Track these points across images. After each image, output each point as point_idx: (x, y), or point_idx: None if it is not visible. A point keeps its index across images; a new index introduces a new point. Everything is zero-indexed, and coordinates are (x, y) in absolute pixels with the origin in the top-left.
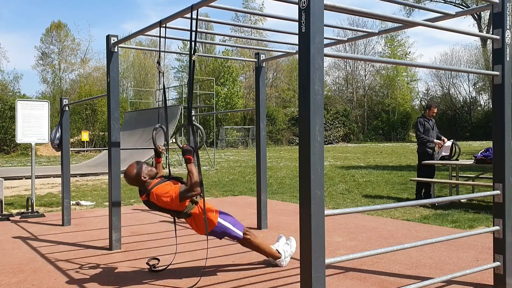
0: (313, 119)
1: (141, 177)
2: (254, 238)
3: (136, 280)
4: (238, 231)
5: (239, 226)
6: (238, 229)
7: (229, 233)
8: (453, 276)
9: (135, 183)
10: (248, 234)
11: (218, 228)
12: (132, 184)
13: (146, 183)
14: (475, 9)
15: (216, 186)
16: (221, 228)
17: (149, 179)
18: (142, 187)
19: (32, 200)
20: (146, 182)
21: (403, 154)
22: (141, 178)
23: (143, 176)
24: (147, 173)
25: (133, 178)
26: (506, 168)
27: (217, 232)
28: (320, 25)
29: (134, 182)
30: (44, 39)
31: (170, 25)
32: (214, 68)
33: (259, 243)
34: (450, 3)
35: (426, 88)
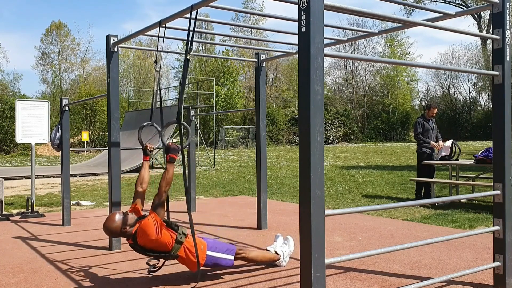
0: (313, 119)
1: (121, 229)
2: (249, 253)
3: (136, 280)
4: (229, 257)
5: (230, 251)
6: (229, 255)
7: (221, 264)
8: (453, 276)
9: (117, 236)
10: (240, 253)
11: (209, 261)
12: (114, 237)
13: (127, 232)
14: (475, 9)
15: (216, 186)
16: (211, 260)
17: (130, 228)
18: (125, 237)
19: (32, 200)
20: (127, 232)
21: (403, 154)
22: (122, 230)
23: (123, 228)
24: (128, 223)
25: (114, 232)
26: (506, 168)
27: (209, 265)
28: (320, 25)
29: (116, 235)
30: (44, 39)
31: (170, 25)
32: (214, 68)
33: (255, 256)
34: (450, 3)
35: (426, 88)
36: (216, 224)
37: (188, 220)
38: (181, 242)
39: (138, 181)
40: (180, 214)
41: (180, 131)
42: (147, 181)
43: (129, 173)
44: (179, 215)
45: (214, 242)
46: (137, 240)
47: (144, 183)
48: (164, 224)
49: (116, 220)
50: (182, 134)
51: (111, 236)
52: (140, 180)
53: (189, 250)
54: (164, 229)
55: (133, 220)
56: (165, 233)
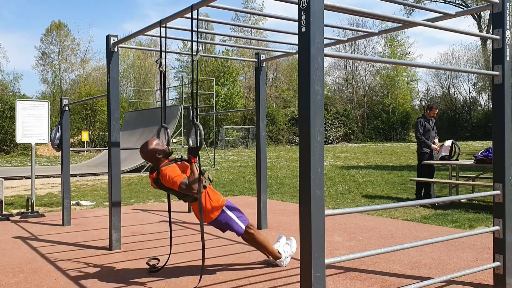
0: (313, 119)
1: (156, 153)
2: (258, 234)
3: (136, 280)
4: (241, 224)
5: (243, 220)
6: (241, 222)
7: (232, 225)
8: (453, 276)
9: (149, 158)
10: (251, 229)
11: (222, 218)
12: (146, 159)
13: (159, 161)
14: (475, 9)
15: (216, 186)
16: (225, 218)
17: (163, 158)
18: (154, 164)
19: (32, 200)
20: (160, 160)
21: (403, 154)
22: (156, 155)
23: (158, 153)
24: (162, 151)
25: (149, 153)
26: (506, 168)
27: (221, 222)
28: (320, 25)
29: (148, 157)
30: (44, 39)
31: (170, 25)
32: (214, 68)
33: (262, 240)
34: (450, 3)
35: (426, 88)
36: None
37: (188, 221)
38: (204, 186)
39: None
40: (180, 214)
41: (195, 132)
42: None
43: (129, 173)
44: (179, 215)
45: (232, 205)
46: (160, 177)
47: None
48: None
49: (154, 144)
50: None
51: (145, 158)
52: None
53: (209, 197)
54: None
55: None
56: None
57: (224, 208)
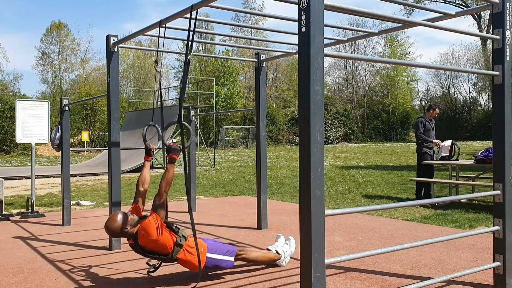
0: (313, 119)
1: (122, 229)
2: (249, 254)
3: (136, 280)
4: (229, 259)
5: (230, 253)
6: (229, 256)
7: (221, 266)
8: (453, 276)
9: (118, 235)
10: (241, 254)
11: (209, 263)
12: (115, 237)
13: (128, 233)
14: (475, 9)
15: (216, 186)
16: (211, 262)
17: (131, 229)
18: (126, 237)
19: (32, 200)
20: (128, 232)
21: (403, 154)
22: (124, 230)
23: (124, 228)
24: (129, 223)
25: (115, 232)
26: (506, 168)
27: (210, 267)
28: (320, 25)
29: (116, 235)
30: (44, 39)
31: (170, 25)
32: (214, 68)
33: (255, 256)
34: (450, 3)
35: (426, 88)
36: (216, 224)
37: (188, 220)
38: (181, 245)
39: (139, 181)
40: (180, 214)
41: (181, 131)
42: (148, 181)
43: (129, 173)
44: (179, 215)
45: (214, 244)
46: (138, 241)
47: (145, 183)
48: (164, 225)
49: (118, 220)
50: (183, 135)
51: (112, 236)
52: (141, 180)
53: (189, 252)
54: (165, 230)
55: (134, 220)
56: (165, 234)
57: (207, 254)
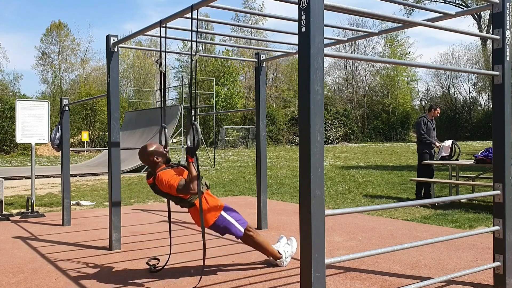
0: (313, 119)
1: (154, 157)
2: (257, 235)
3: (136, 280)
4: (240, 227)
5: (242, 222)
6: (240, 225)
7: (230, 229)
8: (453, 276)
9: (147, 161)
10: (250, 231)
11: (220, 222)
12: (145, 163)
13: (157, 166)
14: (475, 9)
15: (216, 186)
16: (223, 222)
17: (161, 162)
18: (152, 168)
19: (32, 200)
20: (157, 164)
21: (403, 154)
22: (155, 158)
23: (156, 157)
24: (161, 155)
25: (147, 156)
26: (506, 168)
27: (219, 226)
28: (320, 25)
29: (147, 160)
30: (44, 39)
31: (170, 25)
32: (214, 68)
33: (261, 241)
34: (450, 3)
35: (426, 88)
36: None
37: (188, 220)
38: (201, 192)
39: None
40: (180, 214)
41: (192, 132)
42: None
43: (129, 173)
44: (179, 215)
45: (230, 208)
46: (156, 182)
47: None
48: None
49: (154, 148)
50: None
51: (142, 161)
52: None
53: (207, 202)
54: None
55: (165, 156)
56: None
57: (222, 212)
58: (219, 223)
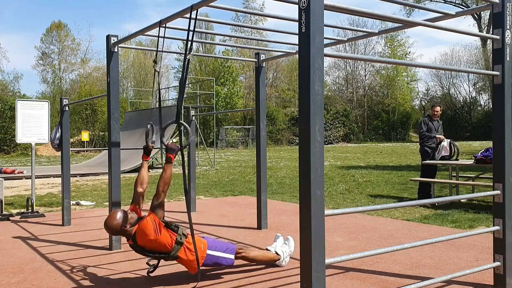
0: (313, 119)
1: (122, 227)
2: (249, 252)
3: (136, 280)
4: (229, 256)
5: (230, 251)
6: (229, 254)
7: (221, 263)
8: (453, 276)
9: (117, 234)
10: (241, 252)
11: (209, 261)
12: (114, 235)
13: (127, 231)
14: (475, 9)
15: (216, 186)
16: (211, 260)
17: (130, 227)
18: (125, 236)
19: (32, 200)
20: (127, 230)
21: (403, 154)
22: (123, 228)
23: (123, 226)
24: (129, 222)
25: (115, 230)
26: (506, 168)
27: (209, 264)
28: (320, 25)
29: (116, 233)
30: (44, 39)
31: (170, 25)
32: (214, 68)
33: (255, 255)
34: (450, 3)
35: (426, 88)
36: (216, 224)
37: (187, 220)
38: (181, 242)
39: (137, 181)
40: (180, 214)
41: (179, 131)
42: (146, 181)
43: (129, 173)
44: (178, 215)
45: (214, 241)
46: (137, 241)
47: (143, 183)
48: (163, 224)
49: (118, 218)
50: (182, 134)
51: (112, 234)
52: (139, 181)
53: (189, 250)
54: (164, 229)
55: (134, 219)
56: (164, 233)
57: (207, 252)
58: (207, 262)
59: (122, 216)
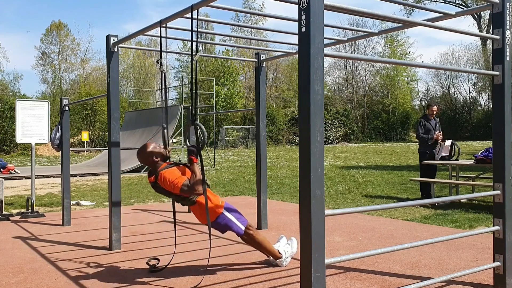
0: (313, 119)
1: (153, 157)
2: (257, 234)
3: (136, 280)
4: (241, 226)
5: (242, 221)
6: (241, 223)
7: (231, 226)
8: (453, 276)
9: (146, 162)
10: (250, 230)
11: (221, 220)
12: (143, 163)
13: (157, 164)
14: (475, 9)
15: (216, 186)
16: (224, 219)
17: (160, 161)
18: (152, 168)
19: (32, 200)
20: (157, 163)
21: (403, 154)
22: (153, 158)
23: (155, 156)
24: (160, 154)
25: (146, 157)
26: (506, 168)
27: (220, 224)
28: (320, 25)
29: (145, 161)
30: (44, 39)
31: (170, 25)
32: (214, 68)
33: (261, 240)
34: (450, 3)
35: (426, 88)
36: None
37: (187, 221)
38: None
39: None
40: (180, 214)
41: (195, 132)
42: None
43: (129, 173)
44: (179, 215)
45: (231, 207)
46: (158, 180)
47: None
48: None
49: (152, 147)
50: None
51: (142, 162)
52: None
53: (208, 199)
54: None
55: (165, 155)
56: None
57: (223, 210)
58: (220, 220)
59: (157, 147)
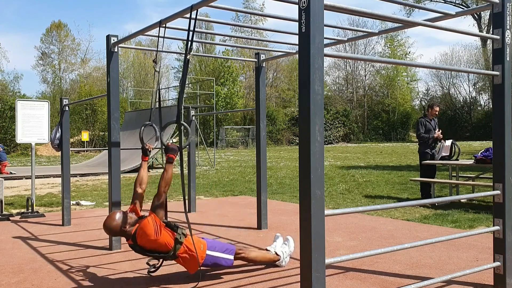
0: (313, 119)
1: (121, 228)
2: (249, 253)
3: (136, 280)
4: (229, 257)
5: (229, 251)
6: (229, 255)
7: (220, 263)
8: (453, 276)
9: (116, 234)
10: (240, 253)
11: (208, 261)
12: (113, 235)
13: (127, 232)
14: (475, 9)
15: (216, 186)
16: (210, 260)
17: (130, 228)
18: (125, 236)
19: (32, 200)
20: (127, 231)
21: (403, 154)
22: (122, 229)
23: (123, 227)
24: (128, 222)
25: (114, 231)
26: (506, 168)
27: (209, 265)
28: (320, 25)
29: (115, 234)
30: (44, 39)
31: (170, 25)
32: (214, 68)
33: (255, 256)
34: (450, 3)
35: (426, 88)
36: (216, 224)
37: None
38: (181, 242)
39: (137, 181)
40: (180, 214)
41: (179, 131)
42: (146, 182)
43: (129, 173)
44: (178, 215)
45: (213, 241)
46: (137, 241)
47: (143, 184)
48: (163, 225)
49: (117, 219)
50: (182, 134)
51: (111, 235)
52: (139, 181)
53: (189, 249)
54: (164, 229)
55: (133, 219)
56: (164, 233)
57: (207, 252)
58: (207, 262)
59: (121, 217)
